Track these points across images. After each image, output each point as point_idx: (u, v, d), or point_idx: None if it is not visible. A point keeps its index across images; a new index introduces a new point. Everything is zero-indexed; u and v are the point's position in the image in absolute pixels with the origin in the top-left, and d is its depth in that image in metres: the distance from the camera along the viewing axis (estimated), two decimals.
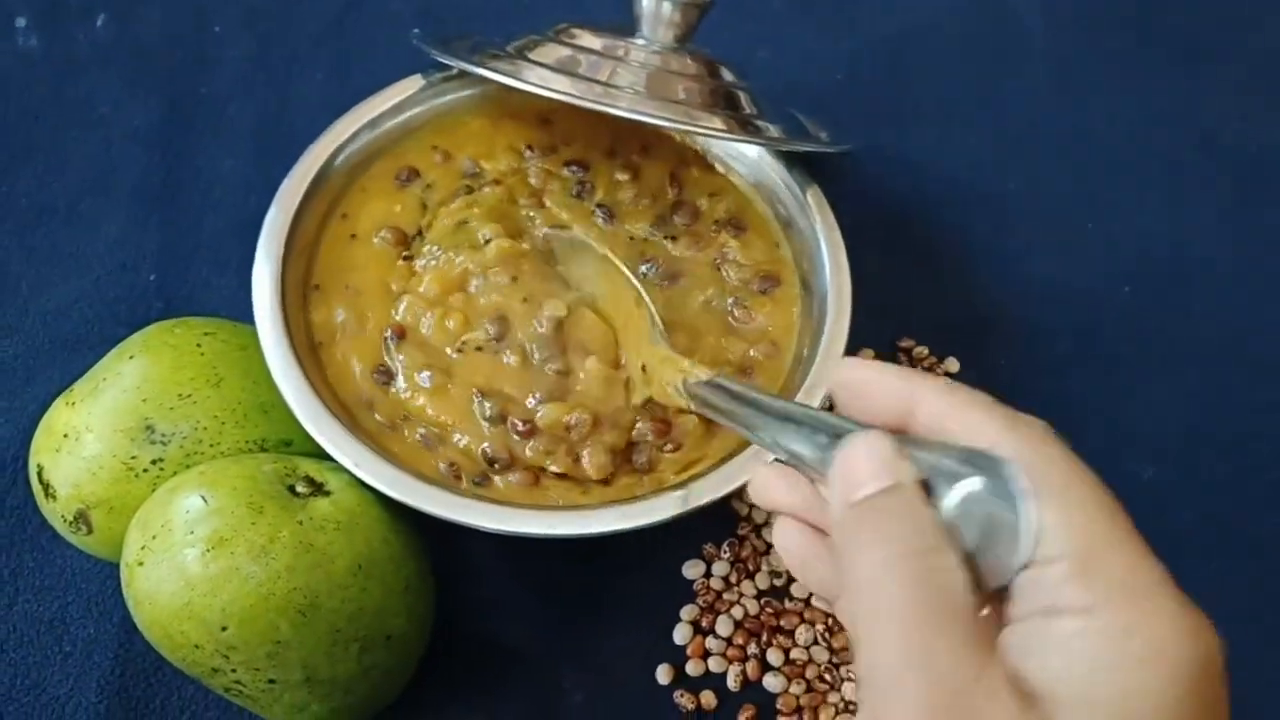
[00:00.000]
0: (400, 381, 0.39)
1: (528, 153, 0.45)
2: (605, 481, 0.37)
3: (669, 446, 0.38)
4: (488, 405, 0.37)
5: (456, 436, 0.37)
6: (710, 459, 0.38)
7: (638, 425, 0.38)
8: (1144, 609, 0.20)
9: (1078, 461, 0.22)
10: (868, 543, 0.22)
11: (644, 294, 0.38)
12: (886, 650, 0.20)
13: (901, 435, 0.23)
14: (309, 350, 0.39)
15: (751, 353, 0.41)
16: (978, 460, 0.21)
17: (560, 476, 0.37)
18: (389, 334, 0.39)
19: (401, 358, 0.39)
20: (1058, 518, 0.20)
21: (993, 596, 0.22)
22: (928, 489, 0.22)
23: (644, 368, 0.37)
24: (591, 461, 0.37)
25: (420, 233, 0.42)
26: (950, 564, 0.21)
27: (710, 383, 0.32)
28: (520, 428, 0.37)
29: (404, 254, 0.42)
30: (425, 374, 0.38)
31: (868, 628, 0.21)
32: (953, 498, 0.21)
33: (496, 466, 0.37)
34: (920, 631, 0.20)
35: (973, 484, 0.21)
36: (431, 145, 0.45)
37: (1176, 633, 0.19)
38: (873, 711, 0.20)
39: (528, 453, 0.37)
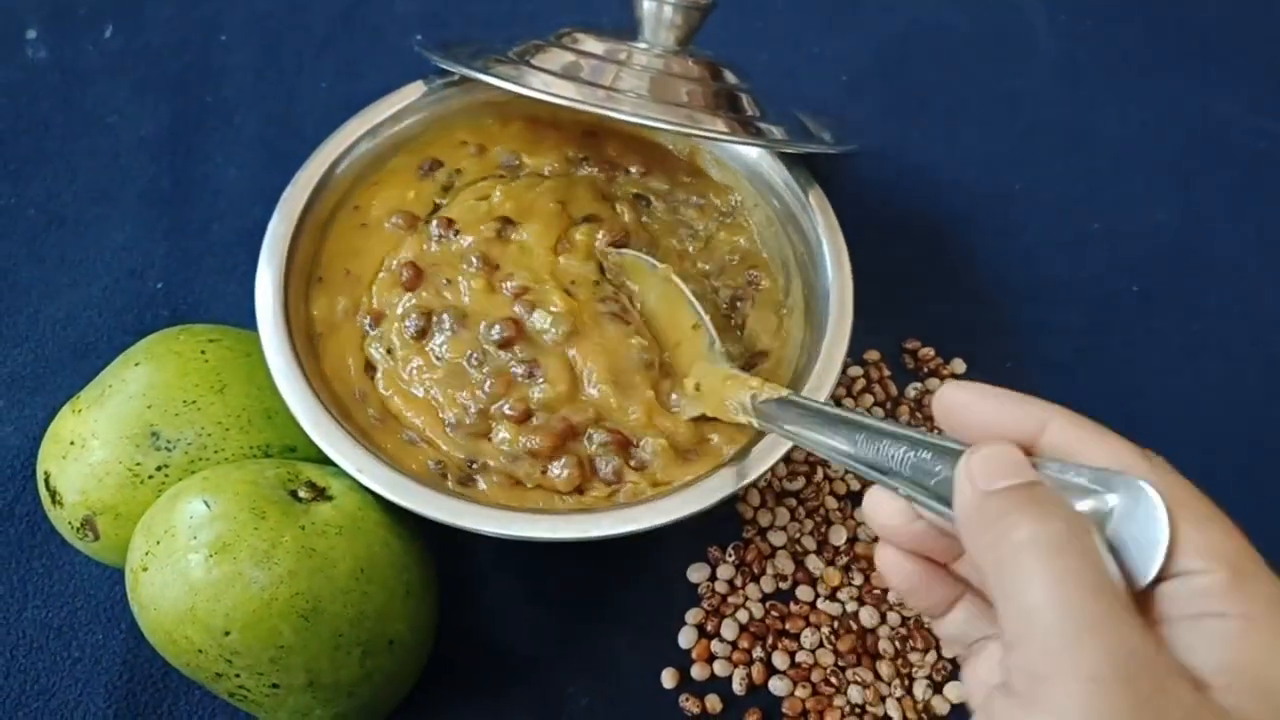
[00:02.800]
0: (380, 375, 0.39)
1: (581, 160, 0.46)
2: (579, 491, 0.37)
3: (633, 463, 0.37)
4: (450, 413, 0.38)
5: (429, 438, 0.38)
6: (679, 482, 0.37)
7: (592, 434, 0.38)
8: None
9: (1202, 493, 0.23)
10: (1024, 519, 0.22)
11: (704, 315, 0.38)
12: (1059, 612, 0.21)
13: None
14: (310, 349, 0.39)
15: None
16: (1106, 479, 0.23)
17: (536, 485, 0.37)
18: (366, 320, 0.40)
19: (380, 348, 0.39)
20: (1204, 537, 0.22)
21: None
22: None
23: (698, 386, 0.38)
24: (561, 475, 0.37)
25: (436, 208, 0.43)
26: (1102, 549, 0.22)
27: (783, 400, 0.33)
28: (509, 411, 0.37)
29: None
30: (400, 366, 0.39)
31: (1026, 605, 0.21)
32: (1085, 508, 0.23)
33: (474, 467, 0.37)
34: (1098, 597, 0.21)
35: (1110, 498, 0.22)
36: (461, 140, 0.45)
37: None
38: (1034, 679, 0.20)
39: (500, 460, 0.37)
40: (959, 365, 0.48)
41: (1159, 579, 0.22)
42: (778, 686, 0.40)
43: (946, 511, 0.25)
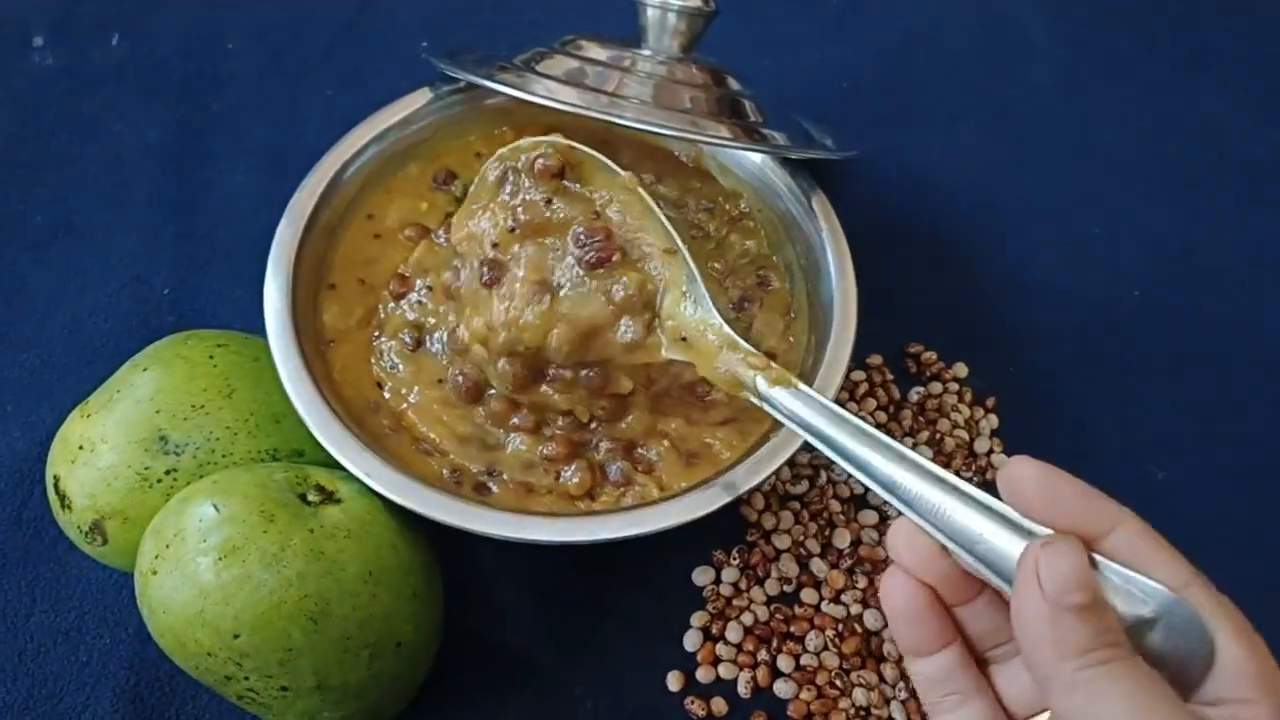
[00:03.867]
0: (389, 388, 0.39)
1: None
2: (590, 497, 0.37)
3: (640, 466, 0.38)
4: (462, 427, 0.38)
5: (443, 449, 0.38)
6: (684, 485, 0.37)
7: (602, 445, 0.38)
8: None
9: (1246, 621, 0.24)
10: (1089, 644, 0.23)
11: (679, 242, 0.35)
12: None
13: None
14: (319, 354, 0.39)
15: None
16: (1158, 594, 0.24)
17: (549, 490, 0.38)
18: (376, 331, 0.40)
19: (388, 360, 0.40)
20: (1254, 667, 0.23)
21: None
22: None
23: (684, 338, 0.34)
24: (574, 480, 0.37)
25: (448, 218, 0.43)
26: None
27: (809, 396, 0.31)
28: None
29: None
30: (407, 379, 0.39)
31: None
32: (1133, 615, 0.24)
33: (489, 476, 0.38)
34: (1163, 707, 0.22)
35: (1168, 622, 0.23)
36: (476, 153, 0.45)
37: None
38: None
39: (514, 469, 0.38)
40: (961, 369, 0.48)
41: (1220, 705, 0.23)
42: (783, 689, 0.40)
43: (990, 577, 0.25)
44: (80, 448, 0.37)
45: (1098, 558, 0.24)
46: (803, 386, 0.32)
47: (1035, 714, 0.28)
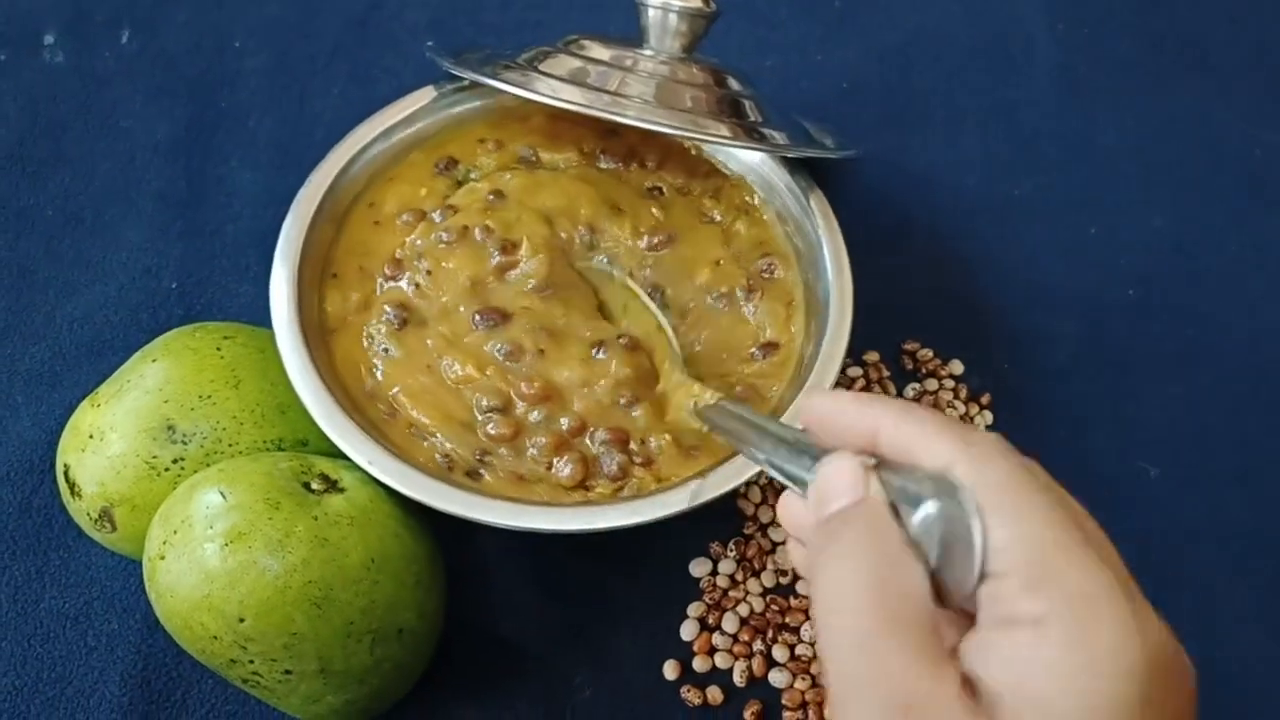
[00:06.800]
0: (381, 371, 0.40)
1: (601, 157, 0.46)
2: (583, 488, 0.38)
3: (639, 459, 0.38)
4: (454, 411, 0.39)
5: (436, 438, 0.38)
6: (682, 477, 0.38)
7: (596, 434, 0.38)
8: (1093, 616, 0.20)
9: (1031, 474, 0.23)
10: (834, 554, 0.23)
11: (664, 321, 0.40)
12: (845, 659, 0.21)
13: (875, 458, 0.25)
14: (322, 344, 0.40)
15: (754, 353, 0.42)
16: (937, 482, 0.23)
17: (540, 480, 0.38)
18: (368, 318, 0.41)
19: (380, 344, 0.40)
20: (1009, 533, 0.21)
21: (960, 610, 0.23)
22: (895, 510, 0.23)
23: (665, 394, 0.39)
24: (564, 472, 0.38)
25: (445, 199, 0.44)
26: (912, 576, 0.22)
27: (718, 405, 0.35)
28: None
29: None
30: (399, 361, 0.40)
31: (828, 637, 0.22)
32: (916, 517, 0.23)
33: (481, 461, 0.38)
34: (876, 640, 0.21)
35: (931, 505, 0.23)
36: (479, 138, 0.46)
37: (1125, 637, 0.20)
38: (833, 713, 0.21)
39: (505, 456, 0.38)
40: (957, 366, 0.48)
41: (983, 582, 0.22)
42: (777, 679, 0.40)
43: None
44: (90, 436, 0.37)
45: (882, 469, 0.24)
46: (718, 398, 0.36)
47: None
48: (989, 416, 0.47)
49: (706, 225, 0.45)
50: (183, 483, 0.36)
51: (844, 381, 0.48)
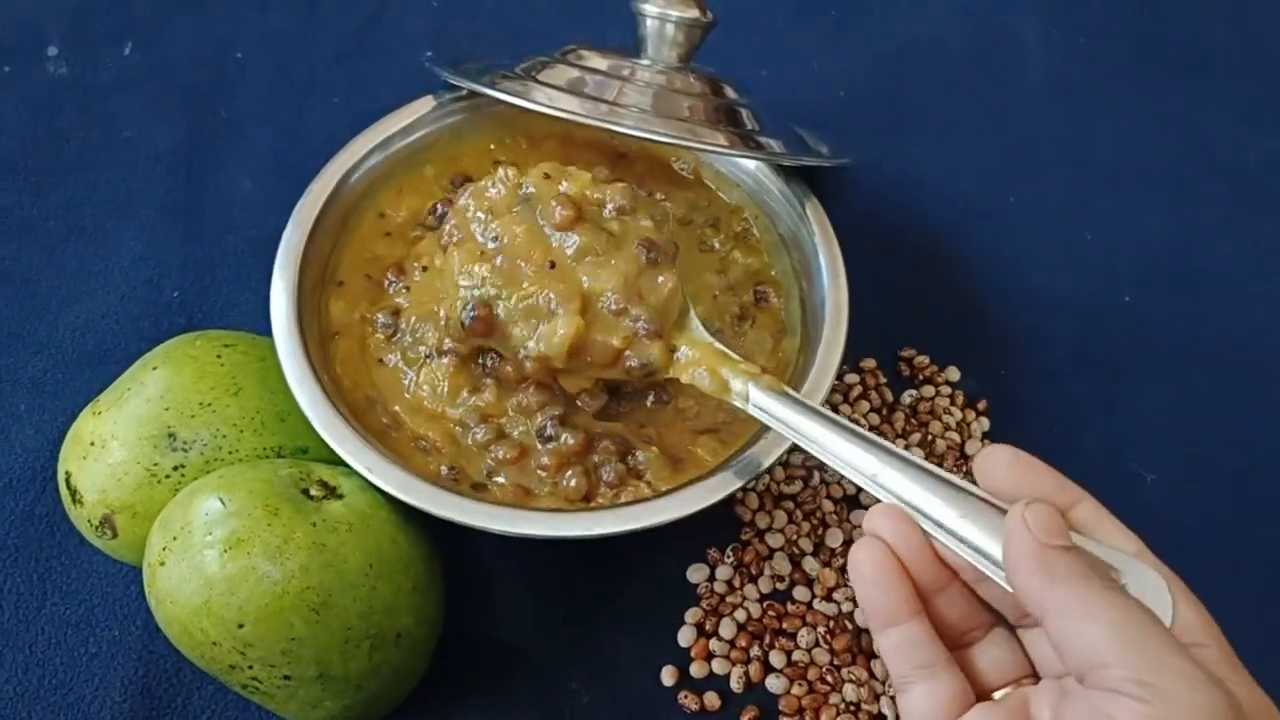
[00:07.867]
0: (384, 382, 0.40)
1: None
2: (587, 500, 0.38)
3: (631, 473, 0.39)
4: (458, 427, 0.39)
5: (440, 450, 0.39)
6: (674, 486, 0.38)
7: (599, 448, 0.39)
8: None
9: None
10: (1082, 574, 0.25)
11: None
12: (1136, 658, 0.24)
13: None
14: (323, 350, 0.40)
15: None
16: (1118, 559, 0.27)
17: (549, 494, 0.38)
18: (369, 328, 0.41)
19: (388, 354, 0.41)
20: (1198, 617, 0.27)
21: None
22: None
23: (672, 350, 0.37)
24: (570, 485, 0.38)
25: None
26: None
27: (787, 397, 0.34)
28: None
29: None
30: (401, 371, 0.40)
31: (1106, 638, 0.24)
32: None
33: (488, 476, 0.38)
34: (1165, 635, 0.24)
35: (1130, 579, 0.26)
36: (495, 160, 0.46)
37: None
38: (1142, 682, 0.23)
39: (512, 472, 0.39)
40: (953, 372, 0.49)
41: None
42: (774, 684, 0.41)
43: (966, 553, 0.28)
44: (91, 444, 0.38)
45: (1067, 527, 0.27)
46: (791, 392, 0.34)
47: (1006, 685, 0.29)
48: (986, 422, 0.48)
49: (706, 254, 0.45)
50: (182, 489, 0.36)
51: (840, 388, 0.48)
